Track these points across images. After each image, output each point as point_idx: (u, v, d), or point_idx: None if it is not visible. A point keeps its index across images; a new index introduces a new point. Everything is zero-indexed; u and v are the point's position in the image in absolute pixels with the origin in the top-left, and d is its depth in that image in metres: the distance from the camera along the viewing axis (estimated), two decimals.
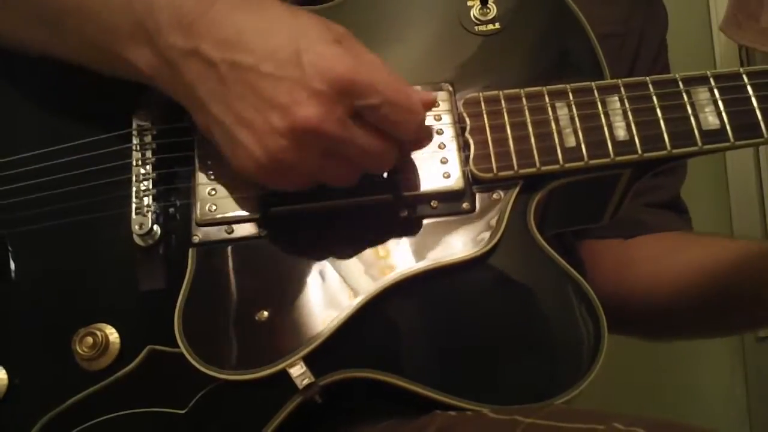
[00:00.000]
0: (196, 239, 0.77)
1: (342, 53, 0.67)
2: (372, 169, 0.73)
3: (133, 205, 0.77)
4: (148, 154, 0.79)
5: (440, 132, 0.78)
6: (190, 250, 0.76)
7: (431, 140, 0.76)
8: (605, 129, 0.77)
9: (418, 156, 0.77)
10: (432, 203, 0.76)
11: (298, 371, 0.71)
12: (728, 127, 0.76)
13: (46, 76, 0.82)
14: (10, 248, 0.80)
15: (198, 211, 0.77)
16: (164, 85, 0.73)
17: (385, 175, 0.77)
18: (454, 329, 0.74)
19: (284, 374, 0.71)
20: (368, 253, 0.75)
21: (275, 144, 0.67)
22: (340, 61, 0.66)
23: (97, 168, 0.80)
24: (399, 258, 0.75)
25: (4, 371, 0.76)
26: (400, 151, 0.73)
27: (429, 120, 0.78)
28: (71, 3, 0.75)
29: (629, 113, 0.77)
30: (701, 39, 2.04)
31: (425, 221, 0.76)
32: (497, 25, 0.84)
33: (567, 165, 0.76)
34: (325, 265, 0.76)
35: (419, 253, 0.75)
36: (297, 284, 0.75)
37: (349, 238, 0.76)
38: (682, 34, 1.20)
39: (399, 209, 0.76)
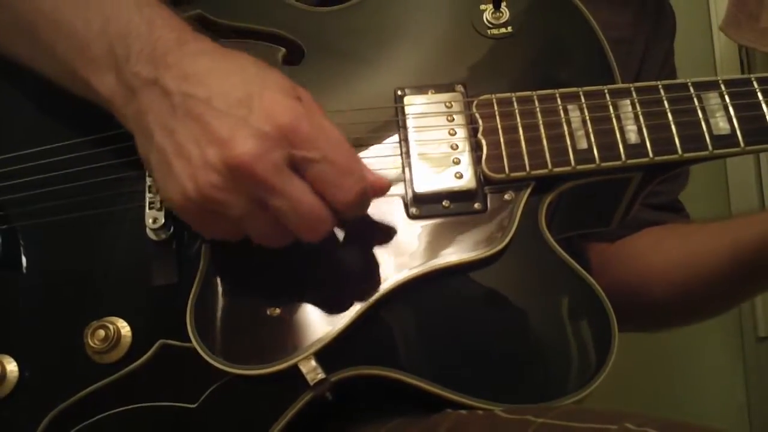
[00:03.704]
0: None
1: (294, 105, 0.66)
2: (303, 233, 0.68)
3: (147, 200, 0.78)
4: None
5: (453, 133, 0.79)
6: (203, 245, 0.77)
7: (363, 213, 0.73)
8: (617, 132, 0.77)
9: (430, 156, 0.78)
10: (444, 203, 0.77)
11: (309, 367, 0.71)
12: (739, 132, 0.77)
13: None
14: (22, 241, 0.81)
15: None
16: (118, 110, 0.73)
17: (396, 174, 0.78)
18: (465, 328, 0.75)
19: (296, 370, 0.71)
20: (380, 251, 0.76)
21: (205, 178, 0.64)
22: (290, 110, 0.65)
23: (111, 162, 0.80)
24: (410, 257, 0.75)
25: (14, 363, 0.76)
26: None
27: (441, 121, 0.79)
28: (51, 22, 0.75)
29: (641, 117, 0.78)
30: (701, 39, 2.04)
31: (437, 221, 0.77)
32: (509, 29, 0.84)
33: (579, 167, 0.76)
34: (337, 263, 0.76)
35: (431, 253, 0.75)
36: (309, 281, 0.76)
37: (361, 237, 0.77)
38: (682, 34, 1.20)
39: (411, 208, 0.77)
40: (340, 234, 0.77)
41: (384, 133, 0.80)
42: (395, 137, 0.80)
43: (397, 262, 0.75)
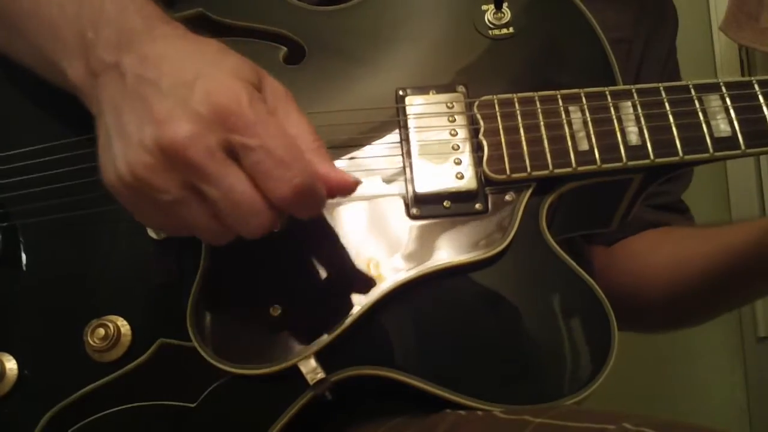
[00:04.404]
0: None
1: (239, 88, 0.63)
2: (237, 226, 0.65)
3: None
4: None
5: (454, 133, 0.79)
6: (204, 243, 0.77)
7: (315, 211, 0.67)
8: (618, 134, 0.77)
9: (431, 156, 0.78)
10: (445, 203, 0.77)
11: (309, 367, 0.71)
12: (740, 135, 0.77)
13: None
14: (22, 239, 0.81)
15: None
16: (85, 98, 0.71)
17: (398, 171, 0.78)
18: (465, 329, 0.75)
19: (296, 370, 0.71)
20: (381, 251, 0.76)
21: (139, 159, 0.62)
22: (232, 93, 0.62)
23: None
24: (411, 257, 0.75)
25: (14, 362, 0.76)
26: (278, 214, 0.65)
27: (442, 121, 0.79)
28: (28, 8, 0.75)
29: (642, 119, 0.78)
30: (701, 39, 2.04)
31: (438, 221, 0.77)
32: (511, 30, 0.84)
33: (580, 168, 0.76)
34: (339, 262, 0.76)
35: (432, 253, 0.75)
36: (310, 280, 0.76)
37: (362, 236, 0.77)
38: (682, 34, 1.20)
39: (412, 209, 0.77)
40: (341, 234, 0.77)
41: (385, 133, 0.80)
42: (396, 137, 0.80)
43: (398, 263, 0.75)
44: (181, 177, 0.63)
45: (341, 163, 0.79)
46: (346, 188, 0.68)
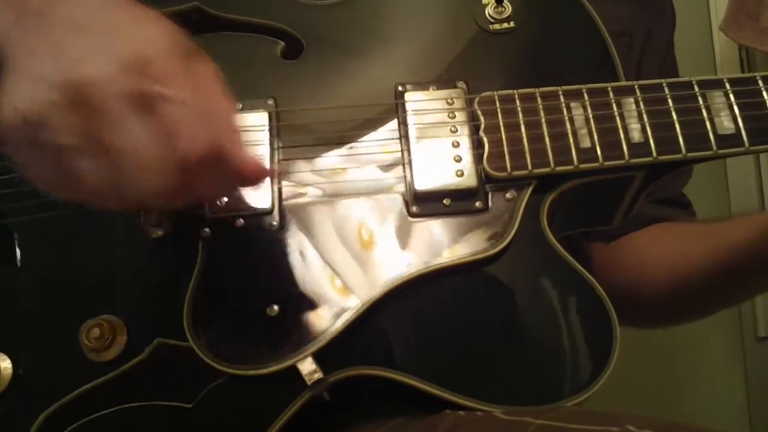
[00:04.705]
0: (206, 232, 0.76)
1: (170, 43, 0.60)
2: (136, 185, 0.59)
3: None
4: None
5: (454, 130, 0.78)
6: (201, 242, 0.76)
7: (220, 185, 0.66)
8: (620, 130, 0.77)
9: (431, 153, 0.77)
10: (445, 201, 0.76)
11: (307, 367, 0.70)
12: (743, 132, 0.76)
13: None
14: (17, 237, 0.80)
15: (209, 204, 0.76)
16: (2, 48, 0.62)
17: (398, 172, 0.77)
18: (464, 329, 0.74)
19: (293, 370, 0.71)
20: (380, 249, 0.75)
21: (43, 95, 0.56)
22: (159, 45, 0.59)
23: None
24: (410, 256, 0.75)
25: (9, 361, 0.76)
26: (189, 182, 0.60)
27: (442, 117, 0.78)
28: None
29: (644, 115, 0.77)
30: (701, 39, 2.04)
31: (438, 219, 0.76)
32: (512, 24, 0.84)
33: (582, 166, 0.76)
34: (337, 261, 0.75)
35: (431, 252, 0.75)
36: (308, 279, 0.75)
37: (361, 234, 0.76)
38: (682, 34, 1.20)
39: (411, 207, 0.76)
40: (339, 232, 0.76)
41: (384, 129, 0.80)
42: (395, 134, 0.79)
43: (397, 262, 0.74)
44: (84, 122, 0.57)
45: (339, 160, 0.78)
46: (258, 173, 0.64)
